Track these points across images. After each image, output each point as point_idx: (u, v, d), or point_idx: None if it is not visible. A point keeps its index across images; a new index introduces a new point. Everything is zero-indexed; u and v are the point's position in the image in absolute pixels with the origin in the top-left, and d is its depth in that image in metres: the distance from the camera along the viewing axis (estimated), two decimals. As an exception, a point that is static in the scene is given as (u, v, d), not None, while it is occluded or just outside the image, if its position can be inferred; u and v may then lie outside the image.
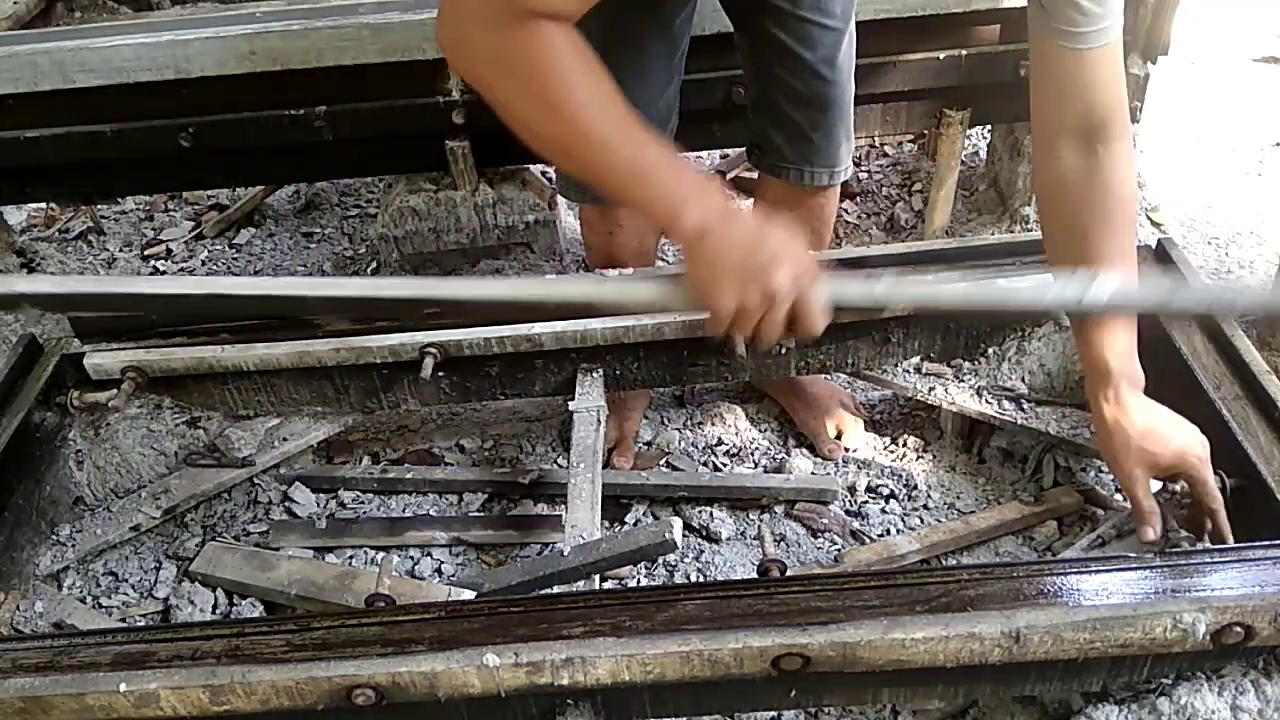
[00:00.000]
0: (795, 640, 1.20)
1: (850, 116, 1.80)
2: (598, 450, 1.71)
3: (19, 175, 2.33)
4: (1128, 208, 1.34)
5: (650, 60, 1.68)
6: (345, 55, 2.10)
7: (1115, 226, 1.32)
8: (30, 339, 1.84)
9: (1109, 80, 1.27)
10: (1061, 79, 1.26)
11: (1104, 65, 1.25)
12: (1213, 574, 1.24)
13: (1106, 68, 1.26)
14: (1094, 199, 1.31)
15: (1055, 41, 1.22)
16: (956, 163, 2.46)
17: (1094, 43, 1.22)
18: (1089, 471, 1.90)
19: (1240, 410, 1.50)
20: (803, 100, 1.73)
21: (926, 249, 1.88)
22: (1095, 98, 1.27)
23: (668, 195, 1.08)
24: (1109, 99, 1.28)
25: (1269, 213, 2.73)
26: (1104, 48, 1.23)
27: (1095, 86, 1.26)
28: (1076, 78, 1.25)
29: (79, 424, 1.84)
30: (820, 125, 1.76)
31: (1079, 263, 1.33)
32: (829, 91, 1.72)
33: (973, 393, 1.86)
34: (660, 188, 1.08)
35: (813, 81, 1.70)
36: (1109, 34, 1.22)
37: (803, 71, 1.69)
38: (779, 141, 1.80)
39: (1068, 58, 1.23)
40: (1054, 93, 1.29)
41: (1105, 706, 1.29)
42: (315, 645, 1.25)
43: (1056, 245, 1.39)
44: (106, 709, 1.22)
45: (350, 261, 2.81)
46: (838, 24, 1.67)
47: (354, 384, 1.87)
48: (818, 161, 1.80)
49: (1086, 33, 1.20)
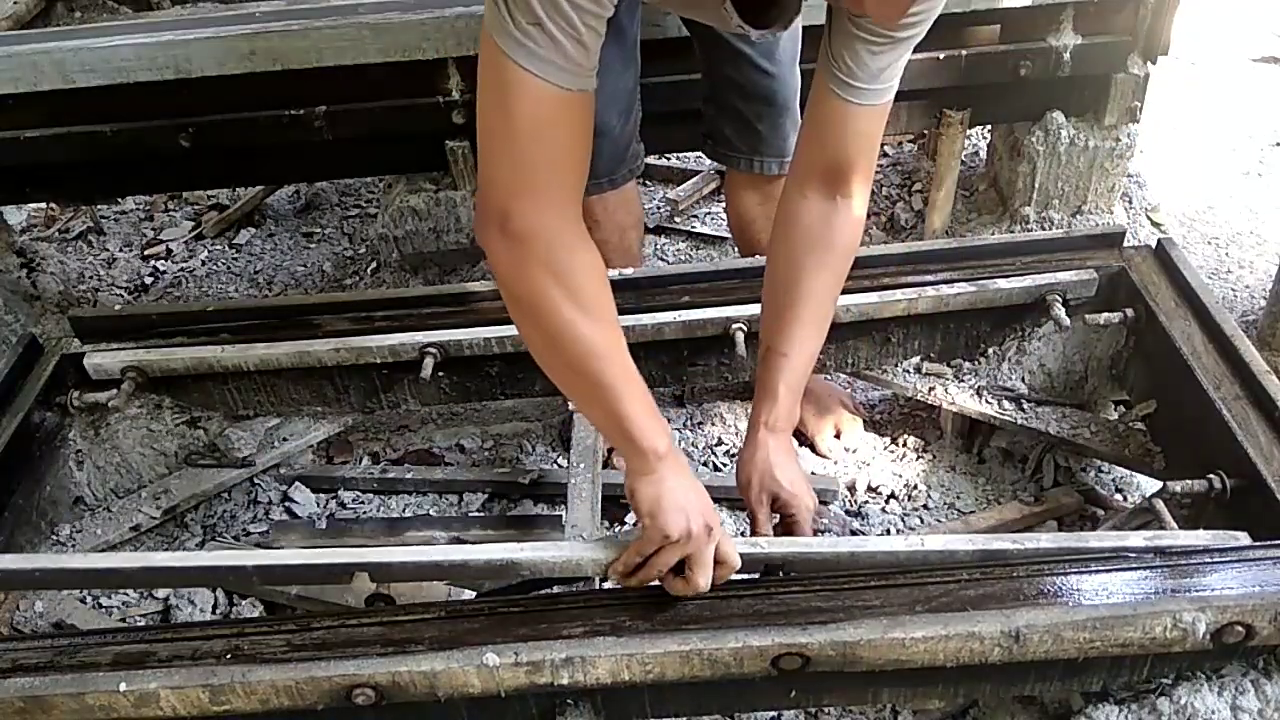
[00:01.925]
0: (795, 640, 1.20)
1: (797, 108, 1.85)
2: (598, 450, 1.71)
3: (19, 175, 2.33)
4: (843, 260, 1.45)
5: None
6: (345, 55, 2.10)
7: (826, 269, 1.43)
8: (30, 339, 1.84)
9: (865, 135, 1.36)
10: (827, 121, 1.35)
11: (866, 122, 1.34)
12: (1213, 574, 1.24)
13: (868, 125, 1.34)
14: (818, 241, 1.42)
15: (831, 88, 1.30)
16: (956, 163, 2.46)
17: (865, 100, 1.30)
18: (1089, 471, 1.90)
19: (1240, 410, 1.50)
20: (747, 94, 1.83)
21: (926, 249, 1.88)
22: (849, 146, 1.36)
23: (629, 450, 1.23)
24: (861, 152, 1.37)
25: (1269, 213, 2.73)
26: (872, 107, 1.32)
27: (851, 137, 1.35)
28: (839, 123, 1.33)
29: (79, 424, 1.84)
30: (765, 117, 1.85)
31: (786, 290, 1.44)
32: (770, 85, 1.81)
33: (973, 393, 1.86)
34: (624, 442, 1.23)
35: (755, 76, 1.80)
36: (880, 98, 1.31)
37: (745, 67, 1.79)
38: (729, 133, 1.91)
39: (838, 105, 1.31)
40: (818, 134, 1.38)
41: (1105, 706, 1.29)
42: (315, 645, 1.25)
43: (774, 273, 1.48)
44: (106, 709, 1.22)
45: (350, 261, 2.81)
46: None
47: (354, 384, 1.87)
48: (765, 151, 1.89)
49: (862, 89, 1.29)
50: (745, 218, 2.03)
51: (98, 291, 2.74)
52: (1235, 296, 2.42)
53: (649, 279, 1.87)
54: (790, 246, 1.44)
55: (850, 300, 1.77)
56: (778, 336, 1.44)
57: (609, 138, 1.81)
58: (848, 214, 1.41)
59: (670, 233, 2.80)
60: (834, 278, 1.46)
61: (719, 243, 2.74)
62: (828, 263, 1.43)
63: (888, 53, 1.26)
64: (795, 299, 1.42)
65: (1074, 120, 2.35)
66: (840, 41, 1.27)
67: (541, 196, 1.11)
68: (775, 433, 1.43)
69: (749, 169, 1.92)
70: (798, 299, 1.42)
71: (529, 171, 1.10)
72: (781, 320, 1.44)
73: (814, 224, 1.41)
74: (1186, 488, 1.47)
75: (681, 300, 1.82)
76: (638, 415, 1.20)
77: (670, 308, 1.80)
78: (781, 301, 1.44)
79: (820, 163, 1.39)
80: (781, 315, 1.44)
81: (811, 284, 1.43)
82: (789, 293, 1.43)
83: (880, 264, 1.84)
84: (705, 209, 2.89)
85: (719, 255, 2.69)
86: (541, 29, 1.02)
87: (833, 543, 1.34)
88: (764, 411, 1.43)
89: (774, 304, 1.47)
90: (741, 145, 1.91)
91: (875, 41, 1.24)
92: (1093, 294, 1.78)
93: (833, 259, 1.43)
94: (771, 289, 1.48)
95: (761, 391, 1.45)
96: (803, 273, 1.42)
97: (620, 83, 1.80)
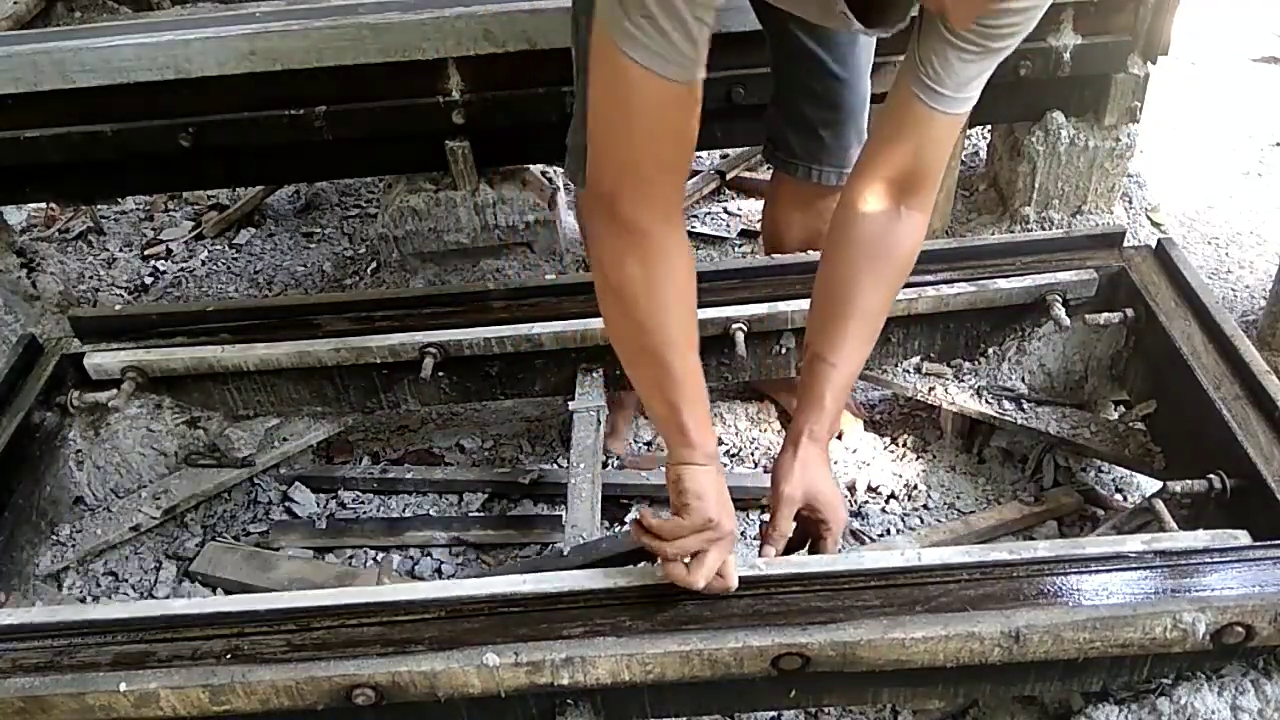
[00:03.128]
0: (795, 640, 1.20)
1: (864, 119, 1.80)
2: (598, 450, 1.71)
3: (19, 175, 2.33)
4: (901, 274, 1.43)
5: None
6: (345, 55, 2.10)
7: (884, 283, 1.41)
8: (30, 339, 1.84)
9: (941, 144, 1.34)
10: (904, 125, 1.31)
11: (944, 130, 1.31)
12: (1213, 574, 1.24)
13: (945, 133, 1.32)
14: (880, 251, 1.38)
15: (914, 91, 1.27)
16: (956, 163, 2.47)
17: (948, 108, 1.27)
18: (1089, 471, 1.90)
19: (1240, 410, 1.50)
20: (816, 97, 1.76)
21: (926, 249, 1.87)
22: (924, 154, 1.33)
23: (680, 440, 1.26)
24: (934, 161, 1.35)
25: (1269, 213, 2.73)
26: (953, 116, 1.29)
27: (928, 144, 1.32)
28: (917, 128, 1.30)
29: (79, 424, 1.84)
30: (831, 124, 1.78)
31: (841, 299, 1.40)
32: (841, 90, 1.74)
33: (973, 393, 1.86)
34: (677, 433, 1.26)
35: (826, 80, 1.73)
36: (962, 107, 1.29)
37: (817, 69, 1.72)
38: (791, 138, 1.83)
39: (919, 109, 1.28)
40: (893, 137, 1.34)
41: (1105, 706, 1.29)
42: (315, 645, 1.25)
43: (829, 278, 1.43)
44: (106, 709, 1.22)
45: (350, 261, 2.81)
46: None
47: (354, 384, 1.87)
48: (826, 161, 1.82)
49: (946, 96, 1.26)
50: (783, 222, 1.98)
51: (98, 291, 2.74)
52: (1235, 296, 2.42)
53: (649, 279, 1.87)
54: (850, 254, 1.39)
55: (850, 300, 1.77)
56: (827, 345, 1.40)
57: None
58: (911, 226, 1.37)
59: (670, 233, 2.79)
60: (890, 291, 1.42)
61: (719, 243, 2.74)
62: (886, 276, 1.40)
63: (979, 61, 1.24)
64: (850, 311, 1.38)
65: (1074, 120, 2.35)
66: (930, 45, 1.24)
67: (646, 188, 1.15)
68: (816, 442, 1.40)
69: (806, 178, 1.84)
70: (852, 311, 1.38)
71: (636, 160, 1.14)
72: (832, 328, 1.40)
73: (877, 233, 1.37)
74: (1186, 488, 1.47)
75: (681, 300, 1.81)
76: (698, 412, 1.25)
77: (670, 308, 1.80)
78: (834, 310, 1.40)
79: (892, 168, 1.34)
80: (833, 323, 1.40)
81: (869, 297, 1.39)
82: (844, 303, 1.39)
83: (880, 264, 1.84)
84: (705, 209, 2.89)
85: (719, 255, 2.69)
86: (653, 22, 1.04)
87: (830, 561, 1.33)
88: (808, 419, 1.39)
89: (826, 310, 1.42)
90: (802, 153, 1.83)
91: (967, 49, 1.22)
92: (1093, 294, 1.78)
93: (892, 272, 1.40)
94: (825, 294, 1.43)
95: (806, 398, 1.42)
96: (860, 283, 1.38)
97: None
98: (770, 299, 1.79)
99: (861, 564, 1.31)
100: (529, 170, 2.48)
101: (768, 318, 1.77)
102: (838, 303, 1.40)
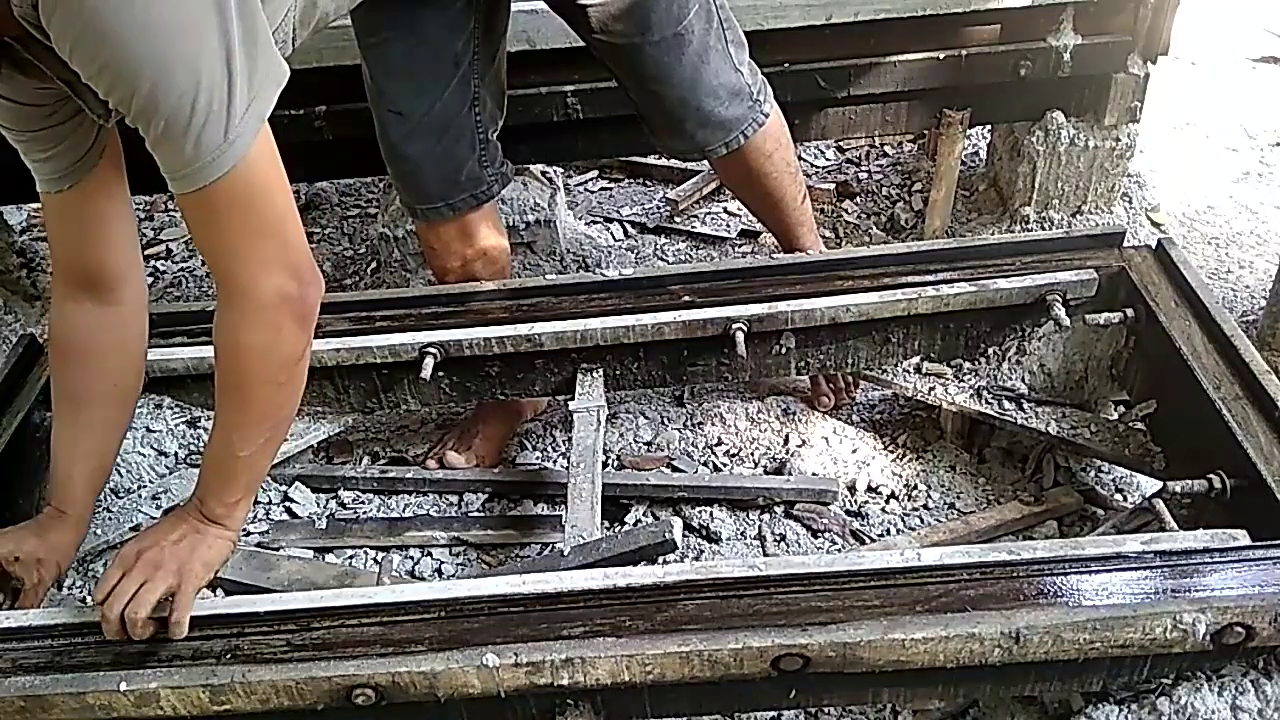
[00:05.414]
0: (795, 640, 1.20)
1: (695, 95, 1.79)
2: (598, 450, 1.71)
3: (19, 175, 2.32)
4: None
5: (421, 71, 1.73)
6: (345, 55, 2.09)
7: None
8: (30, 339, 1.84)
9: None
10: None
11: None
12: (1213, 574, 1.24)
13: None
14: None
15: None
16: (956, 163, 2.47)
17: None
18: (1089, 471, 1.90)
19: (1240, 410, 1.50)
20: (640, 110, 1.87)
21: (926, 249, 1.88)
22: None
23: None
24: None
25: (1269, 213, 2.73)
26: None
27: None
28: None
29: (79, 424, 1.84)
30: (673, 117, 1.84)
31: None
32: (651, 102, 1.82)
33: (973, 393, 1.86)
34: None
35: (639, 96, 1.83)
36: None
37: (629, 90, 1.84)
38: (662, 139, 1.94)
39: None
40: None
41: (1105, 706, 1.29)
42: (315, 645, 1.25)
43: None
44: (106, 709, 1.22)
45: (350, 261, 2.81)
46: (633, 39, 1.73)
47: (354, 384, 1.87)
48: (695, 143, 1.88)
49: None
50: (738, 194, 2.17)
51: (98, 291, 2.73)
52: (1235, 296, 2.42)
53: (649, 279, 1.87)
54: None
55: (850, 300, 1.78)
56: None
57: (425, 165, 1.79)
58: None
59: (670, 233, 2.80)
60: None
61: (719, 243, 2.74)
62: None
63: None
64: None
65: (1074, 120, 2.35)
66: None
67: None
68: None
69: (705, 156, 1.96)
70: None
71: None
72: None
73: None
74: (1186, 488, 1.47)
75: (681, 300, 1.82)
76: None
77: (670, 308, 1.80)
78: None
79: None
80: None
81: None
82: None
83: (880, 264, 1.84)
84: (705, 209, 2.89)
85: (719, 255, 2.69)
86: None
87: (830, 561, 1.33)
88: None
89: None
90: (677, 144, 1.95)
91: None
92: (1093, 294, 1.78)
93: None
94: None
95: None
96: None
97: (430, 106, 1.74)
98: (770, 299, 1.79)
99: (861, 564, 1.30)
100: (529, 170, 2.48)
101: (767, 318, 1.77)
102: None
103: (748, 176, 1.96)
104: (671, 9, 1.70)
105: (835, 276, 1.83)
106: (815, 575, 1.29)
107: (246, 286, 1.19)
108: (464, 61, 1.74)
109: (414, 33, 1.69)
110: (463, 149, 1.80)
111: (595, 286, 1.86)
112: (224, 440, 1.30)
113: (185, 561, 1.28)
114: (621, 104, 1.94)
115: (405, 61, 1.71)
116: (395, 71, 1.73)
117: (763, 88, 1.90)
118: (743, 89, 1.84)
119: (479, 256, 1.93)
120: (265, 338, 1.22)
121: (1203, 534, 1.33)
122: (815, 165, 3.01)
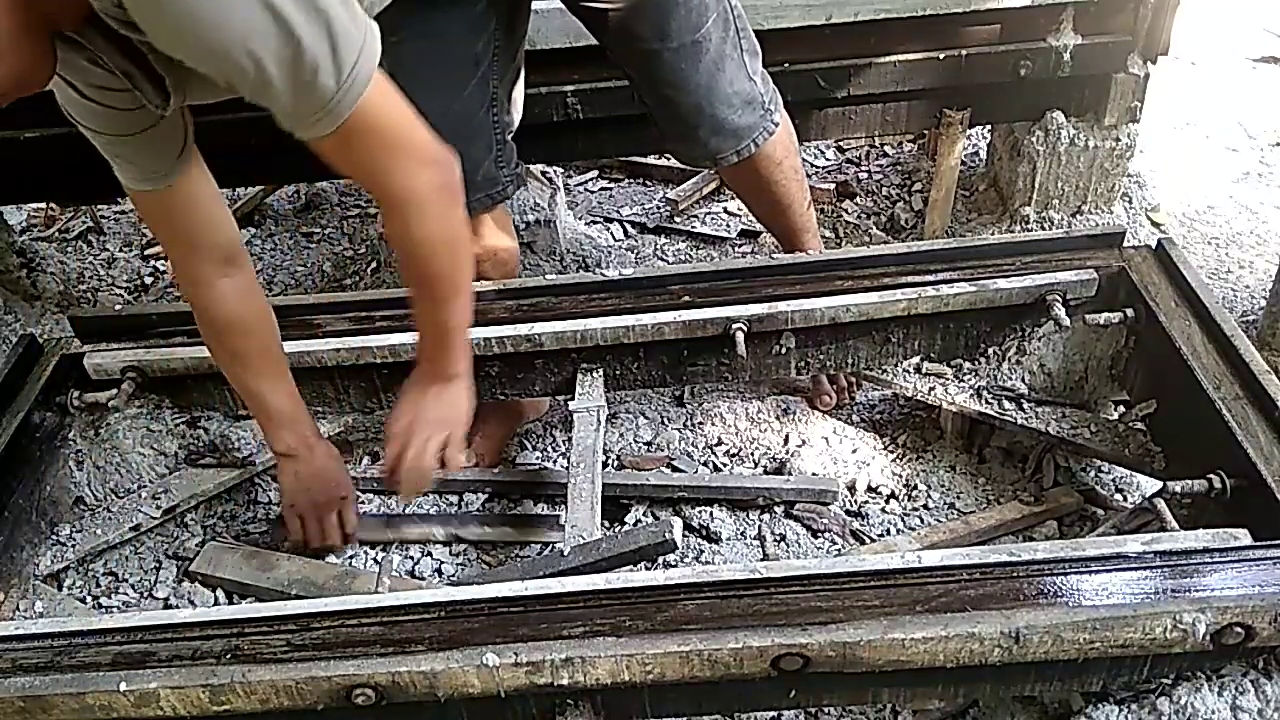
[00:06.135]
0: (795, 640, 1.20)
1: (709, 103, 1.79)
2: (597, 450, 1.71)
3: (19, 175, 2.33)
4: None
5: (435, 76, 1.71)
6: (347, 55, 2.10)
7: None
8: (30, 339, 1.84)
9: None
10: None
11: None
12: (1213, 574, 1.24)
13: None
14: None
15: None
16: (956, 163, 2.47)
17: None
18: (1089, 471, 1.90)
19: (1240, 410, 1.50)
20: (653, 115, 1.86)
21: (926, 249, 1.88)
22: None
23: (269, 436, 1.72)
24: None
25: (1269, 213, 2.73)
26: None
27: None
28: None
29: (79, 424, 1.84)
30: (683, 126, 1.84)
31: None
32: (665, 107, 1.82)
33: (973, 393, 1.86)
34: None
35: (653, 100, 1.82)
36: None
37: (642, 93, 1.84)
38: (673, 144, 1.94)
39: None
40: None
41: (1105, 706, 1.29)
42: (315, 645, 1.25)
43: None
44: (106, 709, 1.22)
45: (350, 261, 2.81)
46: (657, 46, 1.72)
47: (354, 384, 1.87)
48: (708, 150, 1.87)
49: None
50: (744, 201, 2.16)
51: (98, 291, 2.74)
52: (1235, 296, 2.42)
53: (649, 279, 1.87)
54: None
55: (850, 300, 1.78)
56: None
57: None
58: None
59: (670, 233, 2.80)
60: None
61: (719, 243, 2.74)
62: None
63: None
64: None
65: (1074, 120, 2.35)
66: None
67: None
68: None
69: (714, 165, 1.96)
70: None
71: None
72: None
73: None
74: (1186, 488, 1.47)
75: (681, 300, 1.82)
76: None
77: (670, 308, 1.80)
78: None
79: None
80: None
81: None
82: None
83: (880, 264, 1.84)
84: (705, 209, 2.89)
85: (719, 255, 2.69)
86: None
87: (830, 561, 1.33)
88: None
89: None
90: (689, 152, 1.95)
91: None
92: (1093, 294, 1.78)
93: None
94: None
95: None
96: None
97: (447, 106, 1.69)
98: (770, 299, 1.79)
99: (861, 564, 1.30)
100: (529, 170, 2.48)
101: (767, 318, 1.77)
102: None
103: (757, 184, 1.96)
104: (690, 16, 1.70)
105: (835, 276, 1.83)
106: (815, 576, 1.29)
107: (406, 195, 1.32)
108: (484, 62, 1.73)
109: (435, 32, 1.68)
110: (479, 149, 1.79)
111: (595, 286, 1.86)
112: (435, 321, 1.49)
113: (446, 415, 1.57)
114: (621, 104, 1.94)
115: (425, 60, 1.69)
116: (414, 70, 1.69)
117: (774, 96, 1.89)
118: (756, 97, 1.84)
119: (489, 257, 1.91)
120: (438, 226, 1.36)
121: (1203, 534, 1.33)
122: (815, 165, 3.02)
